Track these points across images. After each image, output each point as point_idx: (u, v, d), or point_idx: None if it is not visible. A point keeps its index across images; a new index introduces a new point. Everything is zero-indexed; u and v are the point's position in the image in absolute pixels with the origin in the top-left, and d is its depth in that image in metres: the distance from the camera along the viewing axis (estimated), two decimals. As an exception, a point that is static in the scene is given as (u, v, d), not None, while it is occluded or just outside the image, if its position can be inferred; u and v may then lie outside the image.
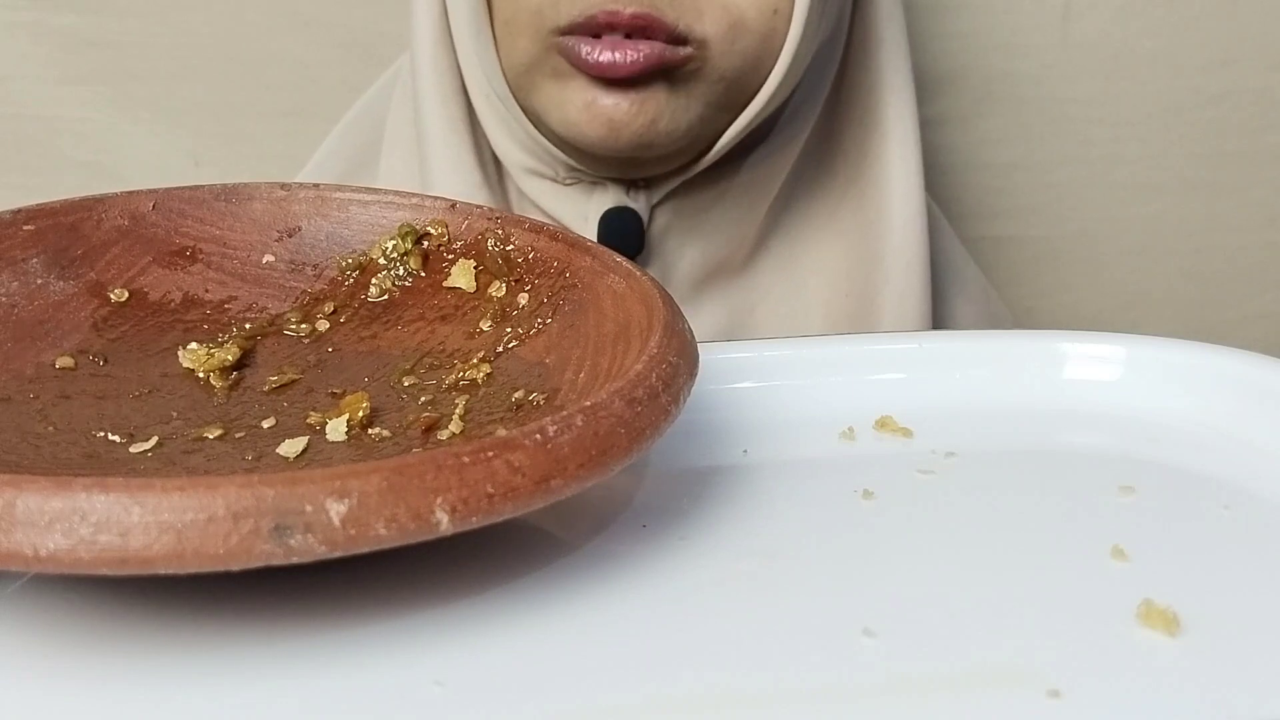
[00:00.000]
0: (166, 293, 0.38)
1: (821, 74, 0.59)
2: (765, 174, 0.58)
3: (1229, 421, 0.38)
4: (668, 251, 0.57)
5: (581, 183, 0.56)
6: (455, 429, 0.33)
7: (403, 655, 0.27)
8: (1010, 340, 0.43)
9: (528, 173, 0.56)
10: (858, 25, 0.60)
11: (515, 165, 0.56)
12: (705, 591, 0.30)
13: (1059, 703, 0.26)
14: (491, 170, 0.57)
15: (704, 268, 0.58)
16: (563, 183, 0.56)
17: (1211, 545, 0.32)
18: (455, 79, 0.57)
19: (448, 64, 0.57)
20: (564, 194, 0.56)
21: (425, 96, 0.57)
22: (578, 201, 0.56)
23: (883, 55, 0.59)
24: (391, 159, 0.60)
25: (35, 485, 0.24)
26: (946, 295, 0.63)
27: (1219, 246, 0.86)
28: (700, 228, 0.57)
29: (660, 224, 0.56)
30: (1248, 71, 0.82)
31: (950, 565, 0.31)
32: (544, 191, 0.56)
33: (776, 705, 0.26)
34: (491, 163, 0.57)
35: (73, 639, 0.28)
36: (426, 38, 0.57)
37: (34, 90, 0.74)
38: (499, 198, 0.57)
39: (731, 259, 0.59)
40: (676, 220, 0.57)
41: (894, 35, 0.59)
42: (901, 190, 0.58)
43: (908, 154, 0.58)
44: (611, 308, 0.35)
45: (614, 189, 0.55)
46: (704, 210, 0.57)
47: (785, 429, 0.38)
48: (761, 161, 0.57)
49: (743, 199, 0.58)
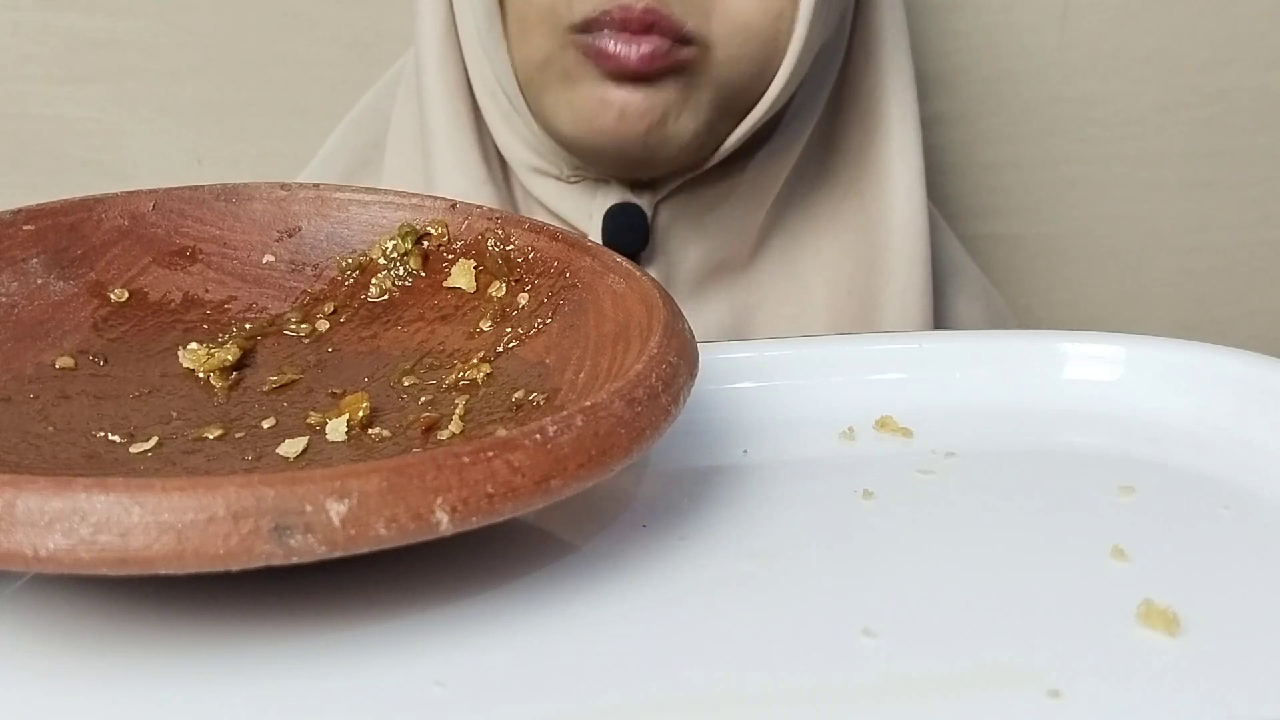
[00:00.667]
0: (166, 293, 0.38)
1: (824, 74, 0.59)
2: (768, 173, 0.58)
3: (1229, 421, 0.38)
4: (672, 249, 0.57)
5: (586, 180, 0.56)
6: (455, 429, 0.33)
7: (403, 655, 0.27)
8: (1010, 340, 0.43)
9: (532, 171, 0.56)
10: (859, 25, 0.60)
11: (520, 163, 0.56)
12: (705, 591, 0.30)
13: (1059, 703, 0.26)
14: (496, 168, 0.57)
15: (707, 266, 0.58)
16: (568, 180, 0.56)
17: (1211, 545, 0.32)
18: (460, 76, 0.57)
19: (453, 61, 0.57)
20: (569, 191, 0.56)
21: (430, 94, 0.57)
22: (582, 199, 0.56)
23: (884, 55, 0.59)
24: (396, 157, 0.60)
25: (35, 485, 0.24)
26: (948, 293, 0.63)
27: (1217, 244, 0.86)
28: (704, 226, 0.57)
29: (664, 221, 0.57)
30: (1245, 71, 0.82)
31: (950, 565, 0.31)
32: (549, 189, 0.56)
33: (776, 705, 0.26)
34: (496, 160, 0.58)
35: (73, 639, 0.28)
36: (431, 35, 0.57)
37: (37, 89, 0.74)
38: (504, 195, 0.57)
39: (734, 257, 0.59)
40: (680, 218, 0.57)
41: (895, 35, 0.60)
42: (903, 189, 0.58)
43: (909, 153, 0.59)
44: (611, 308, 0.35)
45: (618, 187, 0.55)
46: (708, 208, 0.57)
47: (785, 429, 0.38)
48: (765, 161, 0.58)
49: (746, 198, 0.58)
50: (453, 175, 0.56)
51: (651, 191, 0.56)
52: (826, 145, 0.60)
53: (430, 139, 0.57)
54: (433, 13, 0.57)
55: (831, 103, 0.60)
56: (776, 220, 0.59)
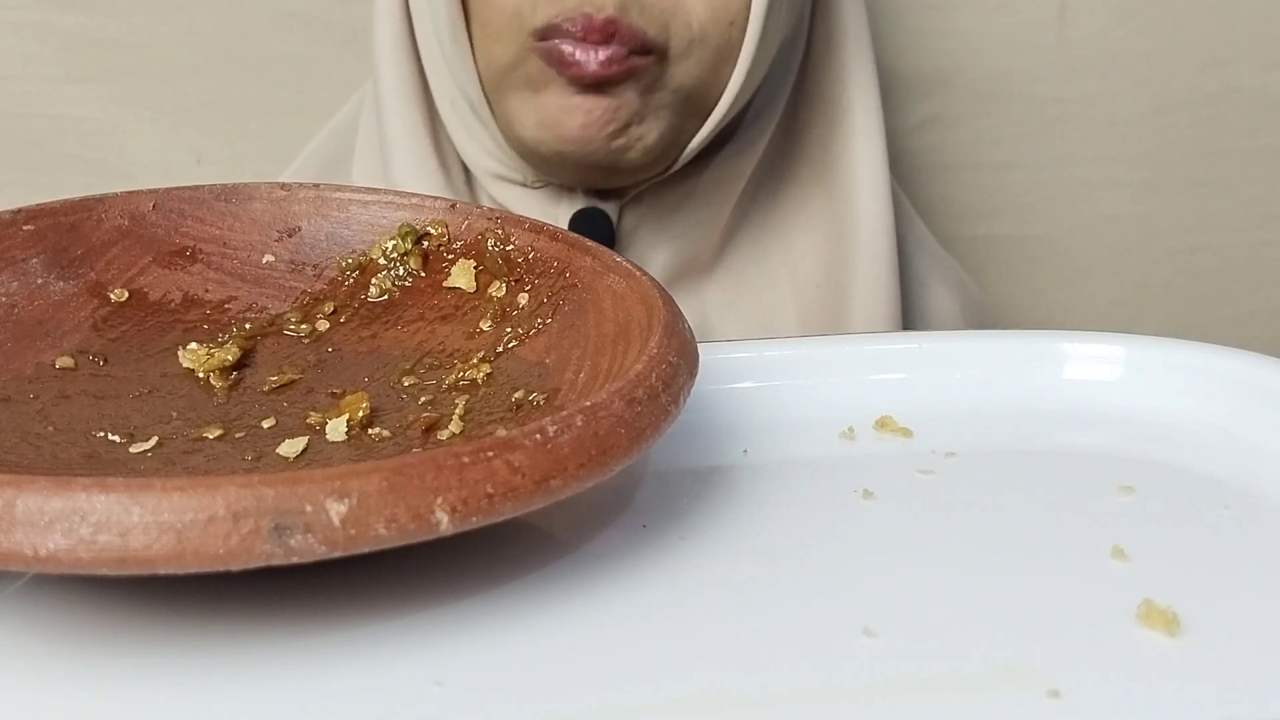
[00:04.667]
0: (166, 293, 0.38)
1: (783, 74, 0.59)
2: (731, 173, 0.58)
3: (1229, 421, 0.38)
4: (638, 252, 0.57)
5: (550, 186, 0.56)
6: (455, 429, 0.33)
7: (403, 655, 0.27)
8: (1010, 340, 0.43)
9: (495, 178, 0.56)
10: (818, 22, 0.60)
11: (482, 171, 0.57)
12: (705, 591, 0.30)
13: (1059, 703, 0.26)
14: (458, 175, 0.57)
15: (675, 266, 0.58)
16: (532, 186, 0.56)
17: (1211, 545, 0.32)
18: (418, 84, 0.57)
19: (410, 70, 0.57)
20: (533, 197, 0.56)
21: (387, 103, 0.57)
22: (547, 205, 0.56)
23: (845, 51, 0.59)
24: (361, 168, 0.61)
25: (35, 485, 0.24)
26: (927, 281, 0.63)
27: (1215, 245, 0.86)
28: (669, 228, 0.58)
29: (630, 225, 0.57)
30: (1243, 71, 0.82)
31: (950, 565, 0.31)
32: (512, 196, 0.56)
33: (776, 705, 0.26)
34: (458, 168, 0.58)
35: (73, 639, 0.28)
36: (388, 44, 0.57)
37: (39, 89, 0.75)
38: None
39: (701, 257, 0.59)
40: (645, 221, 0.57)
41: (856, 31, 0.60)
42: (868, 183, 0.59)
43: (872, 147, 0.59)
44: (611, 308, 0.35)
45: (583, 193, 0.56)
46: (672, 210, 0.57)
47: (785, 429, 0.38)
48: (727, 161, 0.58)
49: (710, 198, 0.58)
50: (411, 183, 0.56)
51: (616, 195, 0.56)
52: (790, 142, 0.61)
53: (388, 149, 0.57)
54: (389, 20, 0.57)
55: (793, 100, 0.60)
56: (742, 219, 0.60)
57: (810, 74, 0.60)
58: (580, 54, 0.49)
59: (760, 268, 0.60)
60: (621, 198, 0.56)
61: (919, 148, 0.81)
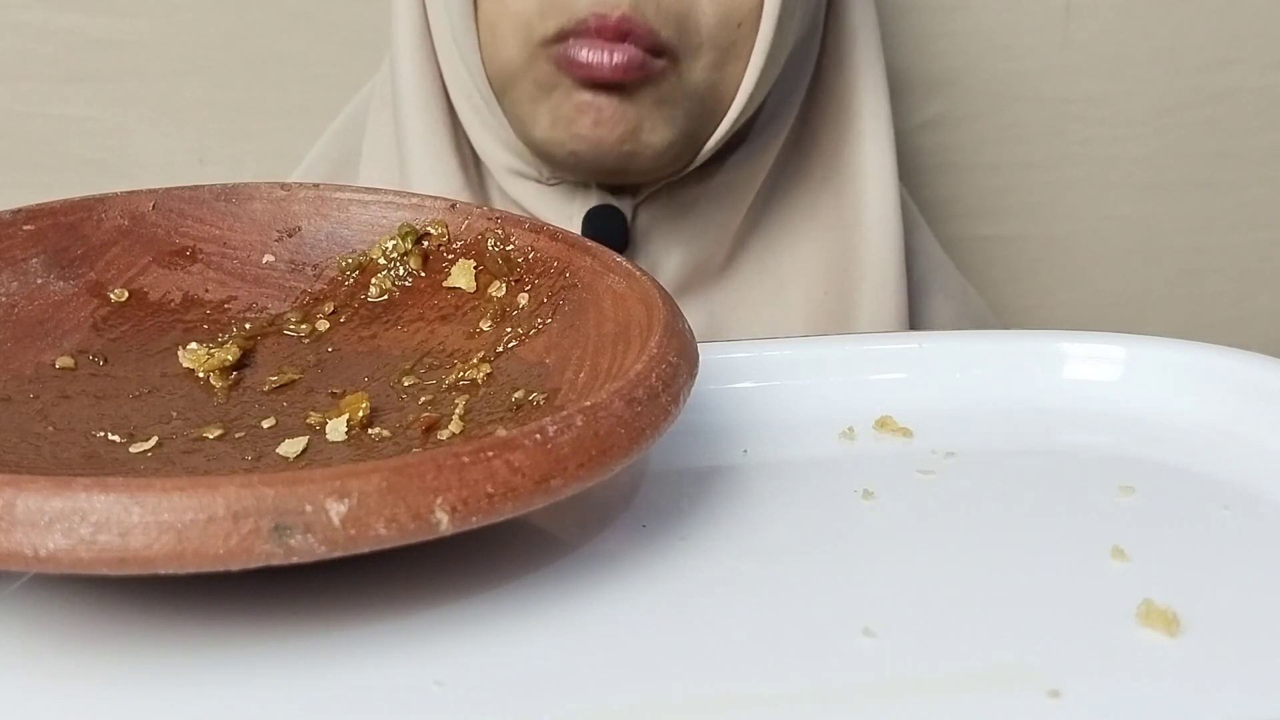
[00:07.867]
0: (166, 293, 0.38)
1: (797, 76, 0.59)
2: (745, 175, 0.58)
3: (1229, 421, 0.38)
4: (652, 252, 0.57)
5: (565, 183, 0.56)
6: (455, 429, 0.33)
7: (403, 655, 0.27)
8: (1010, 340, 0.43)
9: (511, 173, 0.56)
10: (831, 26, 0.60)
11: (498, 166, 0.56)
12: (705, 591, 0.30)
13: (1059, 703, 0.26)
14: (473, 171, 0.57)
15: (688, 268, 0.58)
16: (546, 183, 0.56)
17: (1211, 545, 0.32)
18: (436, 80, 0.57)
19: (428, 65, 0.57)
20: (548, 194, 0.56)
21: (405, 99, 0.57)
22: (561, 201, 0.56)
23: (857, 55, 0.59)
24: (371, 165, 0.60)
25: (35, 485, 0.24)
26: (928, 290, 0.63)
27: (1218, 245, 0.86)
28: (684, 229, 0.57)
29: (644, 224, 0.57)
30: (1247, 71, 0.82)
31: (950, 565, 0.31)
32: (527, 192, 0.56)
33: (776, 705, 0.26)
34: (473, 164, 0.58)
35: (73, 639, 0.28)
36: (406, 38, 0.57)
37: (40, 89, 0.75)
38: (480, 199, 0.57)
39: (714, 259, 0.59)
40: (660, 220, 0.57)
41: (867, 35, 0.60)
42: (877, 187, 0.59)
43: (882, 152, 0.59)
44: (611, 308, 0.35)
45: (598, 189, 0.56)
46: (686, 211, 0.57)
47: (785, 429, 0.38)
48: (741, 163, 0.58)
49: (724, 200, 0.58)
50: (428, 179, 0.56)
51: (631, 194, 0.56)
52: (802, 146, 0.61)
53: (405, 144, 0.57)
54: (408, 16, 0.57)
55: (806, 104, 0.60)
56: (754, 221, 0.60)
57: (822, 79, 0.60)
58: (593, 55, 0.49)
59: (771, 271, 0.60)
60: (636, 197, 0.56)
61: (924, 148, 0.81)
